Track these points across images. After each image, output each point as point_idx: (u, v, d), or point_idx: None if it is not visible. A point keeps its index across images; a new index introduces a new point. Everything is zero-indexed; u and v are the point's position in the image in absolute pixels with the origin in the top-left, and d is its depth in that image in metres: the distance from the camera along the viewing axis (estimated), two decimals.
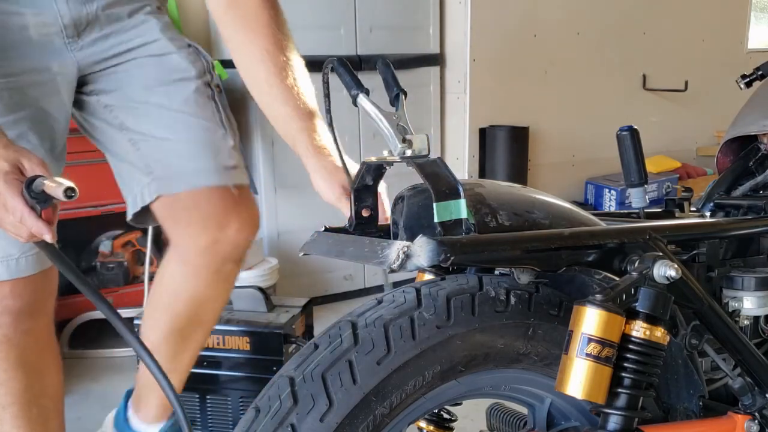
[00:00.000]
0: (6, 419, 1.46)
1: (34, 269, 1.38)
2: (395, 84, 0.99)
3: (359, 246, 0.93)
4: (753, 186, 1.40)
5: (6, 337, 1.41)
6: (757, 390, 1.09)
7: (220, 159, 1.44)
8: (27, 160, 1.10)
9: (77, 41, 1.35)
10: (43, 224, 1.09)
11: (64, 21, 1.32)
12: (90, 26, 1.35)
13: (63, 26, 1.32)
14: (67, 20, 1.32)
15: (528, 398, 1.09)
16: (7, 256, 1.34)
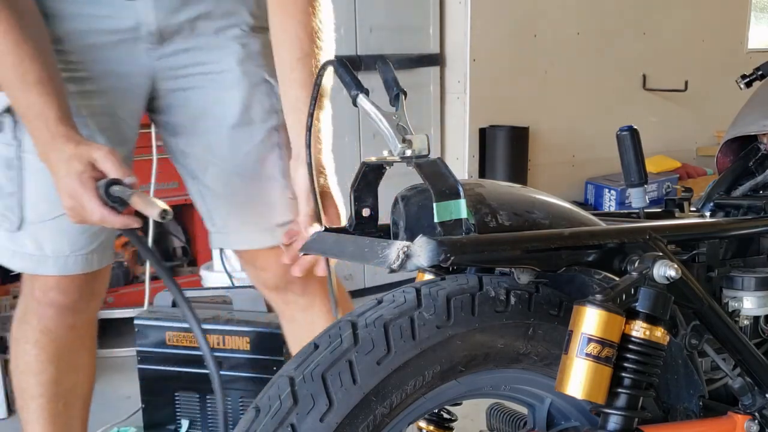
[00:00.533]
0: (32, 409, 1.51)
1: (82, 269, 1.39)
2: (395, 84, 0.99)
3: (359, 246, 0.93)
4: (753, 186, 1.40)
5: (47, 328, 1.45)
6: (757, 390, 1.09)
7: (274, 218, 1.40)
8: (99, 156, 1.12)
9: (159, 49, 1.33)
10: (125, 219, 1.14)
11: (150, 28, 1.30)
12: (175, 36, 1.33)
13: (149, 33, 1.30)
14: (153, 28, 1.30)
15: (528, 398, 1.09)
16: (58, 253, 1.36)
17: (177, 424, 2.31)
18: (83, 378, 1.56)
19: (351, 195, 1.03)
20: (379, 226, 1.05)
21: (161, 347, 2.23)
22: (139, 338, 2.30)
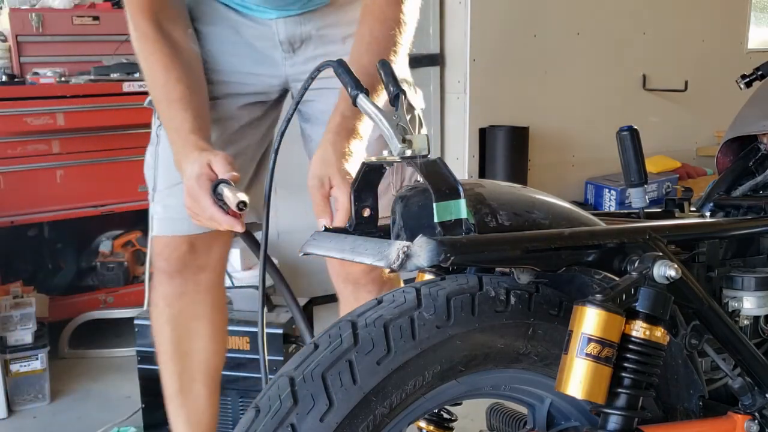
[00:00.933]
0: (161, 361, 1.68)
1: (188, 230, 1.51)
2: (395, 84, 0.99)
3: (359, 246, 0.93)
4: (753, 186, 1.40)
5: (163, 294, 1.62)
6: (757, 390, 1.09)
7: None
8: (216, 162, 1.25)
9: (293, 56, 1.50)
10: (230, 219, 1.25)
11: (280, 37, 1.47)
12: (305, 44, 1.49)
13: (279, 42, 1.48)
14: (282, 37, 1.47)
15: (528, 398, 1.09)
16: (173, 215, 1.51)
17: None
18: (202, 345, 1.65)
19: (351, 195, 1.03)
20: (379, 226, 1.05)
21: None
22: (139, 338, 2.30)
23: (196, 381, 1.67)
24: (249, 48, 1.50)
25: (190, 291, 1.62)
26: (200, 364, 1.66)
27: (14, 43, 3.04)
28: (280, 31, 1.47)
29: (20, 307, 2.57)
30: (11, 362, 2.54)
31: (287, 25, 1.47)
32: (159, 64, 1.39)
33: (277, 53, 1.50)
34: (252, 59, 1.51)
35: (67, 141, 2.91)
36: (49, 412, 2.56)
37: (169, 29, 1.41)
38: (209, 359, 1.67)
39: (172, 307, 1.63)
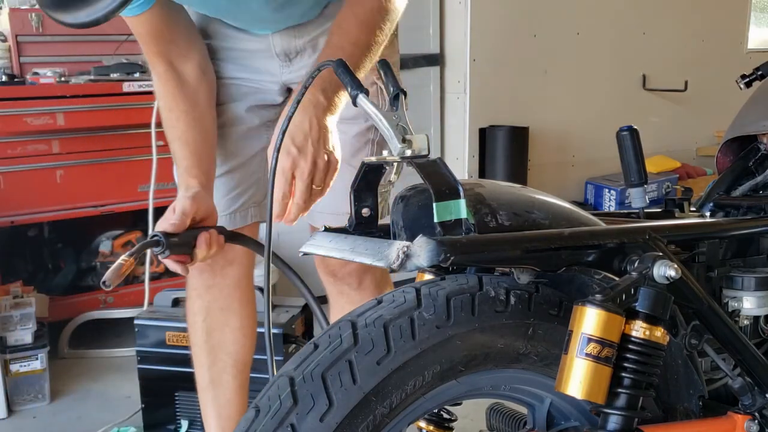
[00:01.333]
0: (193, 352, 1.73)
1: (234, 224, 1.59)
2: (395, 84, 0.99)
3: (359, 246, 0.93)
4: (753, 186, 1.40)
5: (193, 286, 1.68)
6: (757, 390, 1.09)
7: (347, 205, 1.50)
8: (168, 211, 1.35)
9: (289, 65, 1.57)
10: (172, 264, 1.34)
11: (276, 50, 1.55)
12: (300, 55, 1.56)
13: (276, 54, 1.56)
14: (279, 49, 1.55)
15: (528, 398, 1.09)
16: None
17: (177, 424, 2.32)
18: (232, 337, 1.69)
19: (351, 195, 1.03)
20: (379, 226, 1.05)
21: (161, 347, 2.23)
22: (139, 338, 2.30)
23: (227, 373, 1.71)
24: (248, 59, 1.58)
25: (218, 284, 1.67)
26: (230, 356, 1.70)
27: (14, 43, 3.04)
28: (276, 44, 1.54)
29: (20, 307, 2.57)
30: (11, 362, 2.54)
31: (282, 39, 1.54)
32: (164, 102, 1.51)
33: (275, 63, 1.57)
34: (252, 69, 1.58)
35: (67, 141, 2.91)
36: (49, 412, 2.56)
37: (179, 65, 1.49)
38: (238, 352, 1.71)
39: (203, 299, 1.69)
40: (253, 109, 1.61)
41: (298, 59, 1.57)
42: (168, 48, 1.49)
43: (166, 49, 1.49)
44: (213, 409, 1.74)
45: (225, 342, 1.70)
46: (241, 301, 1.71)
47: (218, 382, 1.72)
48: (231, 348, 1.70)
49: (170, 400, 2.30)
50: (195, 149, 1.48)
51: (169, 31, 1.48)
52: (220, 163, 1.58)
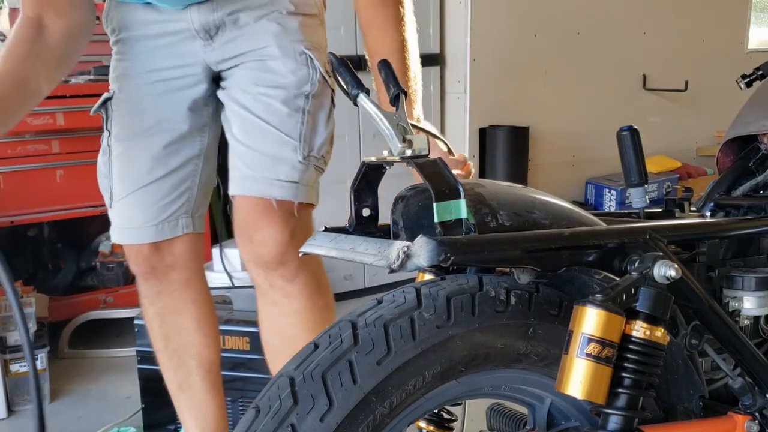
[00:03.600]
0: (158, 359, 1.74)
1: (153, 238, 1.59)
2: (395, 84, 0.99)
3: (359, 246, 0.93)
4: (753, 186, 1.40)
5: (144, 293, 1.69)
6: (757, 390, 1.09)
7: (276, 172, 1.49)
8: None
9: (211, 43, 1.53)
10: None
11: (195, 26, 1.51)
12: (220, 30, 1.51)
13: (195, 31, 1.51)
14: (197, 26, 1.51)
15: (528, 398, 1.09)
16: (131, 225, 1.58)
17: (177, 424, 2.31)
18: (190, 339, 1.68)
19: (351, 195, 1.03)
20: (379, 226, 1.05)
21: None
22: (139, 338, 2.30)
23: (193, 375, 1.70)
24: (171, 46, 1.54)
25: (165, 289, 1.66)
26: (193, 358, 1.69)
27: None
28: (194, 20, 1.50)
29: None
30: (11, 362, 2.54)
31: (200, 14, 1.49)
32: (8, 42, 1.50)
33: (197, 43, 1.53)
34: (174, 55, 1.55)
35: (67, 141, 2.91)
36: (49, 412, 2.56)
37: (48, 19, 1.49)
38: (201, 353, 1.70)
39: (155, 305, 1.69)
40: (182, 113, 1.56)
41: (219, 36, 1.52)
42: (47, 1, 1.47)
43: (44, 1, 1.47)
44: (188, 412, 1.74)
45: (185, 345, 1.69)
46: (195, 302, 1.69)
47: (187, 385, 1.71)
48: (192, 350, 1.69)
49: (170, 400, 2.30)
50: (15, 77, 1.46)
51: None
52: (147, 172, 1.56)
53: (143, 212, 1.58)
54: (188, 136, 1.57)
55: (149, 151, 1.56)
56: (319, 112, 1.53)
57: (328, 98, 1.55)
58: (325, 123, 1.54)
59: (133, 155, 1.58)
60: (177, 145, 1.57)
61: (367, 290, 3.56)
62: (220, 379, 1.74)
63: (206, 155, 1.61)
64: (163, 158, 1.56)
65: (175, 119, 1.56)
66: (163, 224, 1.59)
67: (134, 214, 1.59)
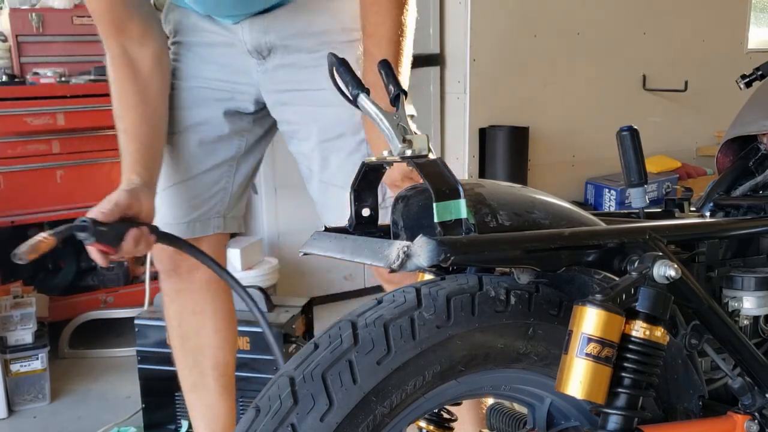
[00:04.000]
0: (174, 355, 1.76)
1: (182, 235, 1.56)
2: (395, 84, 0.99)
3: (359, 246, 0.93)
4: (753, 186, 1.40)
5: (165, 291, 1.71)
6: (757, 390, 1.09)
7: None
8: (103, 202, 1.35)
9: (264, 63, 1.52)
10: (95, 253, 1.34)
11: (248, 46, 1.51)
12: (272, 53, 1.51)
13: (248, 51, 1.51)
14: (250, 46, 1.51)
15: (528, 398, 1.09)
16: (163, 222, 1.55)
17: (177, 424, 2.32)
18: (207, 340, 1.69)
19: (351, 195, 1.03)
20: (379, 226, 1.05)
21: (161, 347, 2.23)
22: (139, 338, 2.30)
23: (207, 376, 1.71)
24: (224, 56, 1.54)
25: (186, 288, 1.67)
26: (208, 359, 1.70)
27: (14, 43, 3.04)
28: (246, 40, 1.50)
29: (20, 307, 2.57)
30: (11, 362, 2.54)
31: (252, 33, 1.49)
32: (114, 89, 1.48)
33: (250, 61, 1.52)
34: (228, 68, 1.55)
35: (67, 141, 2.91)
36: (49, 412, 2.57)
37: (133, 51, 1.47)
38: (217, 355, 1.71)
39: (175, 303, 1.69)
40: (226, 116, 1.57)
41: (271, 58, 1.52)
42: (123, 31, 1.46)
43: (120, 32, 1.46)
44: (199, 411, 1.75)
45: (202, 346, 1.70)
46: (214, 303, 1.70)
47: (201, 385, 1.72)
48: (209, 351, 1.70)
49: (170, 400, 2.30)
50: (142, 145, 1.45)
51: (125, 12, 1.45)
52: (183, 170, 1.56)
53: (175, 209, 1.58)
54: (225, 137, 1.57)
55: (185, 149, 1.56)
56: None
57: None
58: None
59: (169, 151, 1.58)
60: (213, 145, 1.57)
61: (367, 290, 3.56)
62: (233, 381, 1.76)
63: (243, 158, 1.61)
64: (199, 157, 1.56)
65: (214, 122, 1.56)
66: (195, 223, 1.60)
67: (166, 210, 1.59)
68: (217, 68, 1.55)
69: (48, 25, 3.06)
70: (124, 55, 1.46)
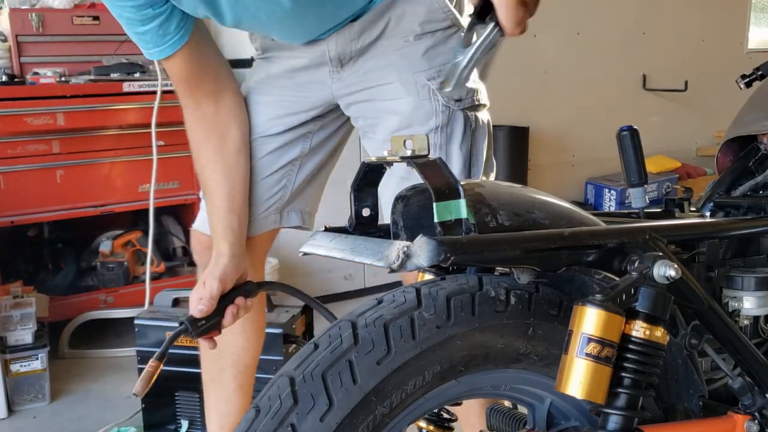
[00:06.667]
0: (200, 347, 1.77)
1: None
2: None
3: (359, 246, 0.93)
4: (753, 186, 1.40)
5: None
6: (757, 390, 1.09)
7: None
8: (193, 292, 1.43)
9: (340, 72, 1.50)
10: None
11: (331, 54, 1.47)
12: (352, 60, 1.48)
13: (329, 59, 1.48)
14: (333, 53, 1.47)
15: (528, 398, 1.09)
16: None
17: (177, 424, 2.32)
18: (233, 339, 1.67)
19: (351, 195, 1.03)
20: (379, 226, 1.05)
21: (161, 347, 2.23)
22: (139, 338, 2.30)
23: (226, 372, 1.72)
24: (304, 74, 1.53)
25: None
26: (230, 357, 1.71)
27: (14, 43, 3.04)
28: (330, 48, 1.47)
29: (20, 307, 2.57)
30: (11, 362, 2.54)
31: (338, 42, 1.46)
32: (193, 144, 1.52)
33: (324, 70, 1.50)
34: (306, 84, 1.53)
35: (67, 141, 2.91)
36: (49, 412, 2.57)
37: (208, 106, 1.48)
38: (239, 354, 1.72)
39: None
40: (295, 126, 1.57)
41: (350, 65, 1.49)
42: (197, 87, 1.47)
43: (195, 88, 1.47)
44: (213, 404, 1.76)
45: (225, 343, 1.68)
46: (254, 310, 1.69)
47: (218, 379, 1.73)
48: (231, 350, 1.70)
49: (170, 400, 2.30)
50: (227, 208, 1.49)
51: (200, 68, 1.46)
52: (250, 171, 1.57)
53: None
54: (290, 143, 1.57)
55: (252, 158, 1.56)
56: (451, 144, 1.51)
57: (459, 125, 1.53)
58: (458, 153, 1.52)
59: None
60: (279, 152, 1.57)
61: (367, 290, 3.56)
62: (251, 382, 1.76)
63: (307, 157, 1.61)
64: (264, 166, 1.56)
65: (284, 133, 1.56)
66: (254, 222, 1.59)
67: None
68: (295, 85, 1.55)
69: (48, 25, 3.05)
70: (199, 111, 1.48)
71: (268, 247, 1.71)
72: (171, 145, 3.00)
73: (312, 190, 1.66)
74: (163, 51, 1.40)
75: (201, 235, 1.62)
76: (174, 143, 2.98)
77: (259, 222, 1.60)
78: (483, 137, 1.52)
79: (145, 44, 1.41)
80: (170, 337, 1.35)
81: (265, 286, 1.52)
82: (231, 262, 1.45)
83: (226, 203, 1.50)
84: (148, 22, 1.36)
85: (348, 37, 1.46)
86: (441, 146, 1.49)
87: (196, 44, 1.42)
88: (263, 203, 1.59)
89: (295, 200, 1.62)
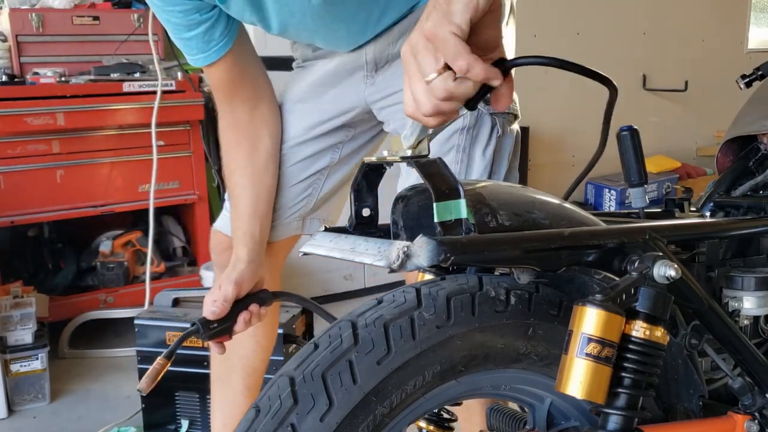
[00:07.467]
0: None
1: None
2: None
3: (359, 246, 0.93)
4: (753, 186, 1.40)
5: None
6: (757, 390, 1.09)
7: None
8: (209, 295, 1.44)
9: (374, 77, 1.48)
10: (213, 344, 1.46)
11: (367, 57, 1.47)
12: (388, 64, 1.47)
13: (365, 62, 1.47)
14: (370, 57, 1.46)
15: (528, 398, 1.09)
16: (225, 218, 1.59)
17: (177, 424, 2.32)
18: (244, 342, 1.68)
19: (351, 195, 1.03)
20: (379, 226, 1.05)
21: (161, 347, 2.23)
22: (139, 338, 2.30)
23: (235, 373, 1.73)
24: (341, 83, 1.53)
25: None
26: (240, 359, 1.72)
27: (14, 43, 3.04)
28: (368, 51, 1.47)
29: (20, 307, 2.57)
30: (11, 362, 2.54)
31: (377, 47, 1.45)
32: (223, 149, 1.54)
33: (358, 76, 1.49)
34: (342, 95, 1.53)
35: (67, 141, 2.91)
36: (49, 412, 2.57)
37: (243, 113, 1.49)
38: (249, 357, 1.72)
39: None
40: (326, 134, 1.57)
41: (383, 70, 1.48)
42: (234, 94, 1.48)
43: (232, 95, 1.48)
44: (218, 403, 1.77)
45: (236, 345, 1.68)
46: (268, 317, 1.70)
47: (226, 379, 1.74)
48: (241, 352, 1.71)
49: (170, 400, 2.31)
50: (250, 213, 1.50)
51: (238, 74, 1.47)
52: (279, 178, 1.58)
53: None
54: (320, 152, 1.58)
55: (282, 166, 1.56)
56: (475, 147, 1.46)
57: (485, 129, 1.46)
58: (481, 156, 1.47)
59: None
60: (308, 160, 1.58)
61: (367, 290, 3.56)
62: (259, 384, 1.77)
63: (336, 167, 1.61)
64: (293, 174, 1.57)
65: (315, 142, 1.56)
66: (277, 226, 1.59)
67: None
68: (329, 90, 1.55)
69: (48, 25, 3.06)
70: (233, 117, 1.49)
71: (287, 253, 1.72)
72: (171, 145, 3.01)
73: (336, 200, 1.67)
74: (207, 57, 1.41)
75: (222, 235, 1.63)
76: (174, 143, 2.98)
77: (282, 227, 1.60)
78: (508, 146, 1.50)
79: (189, 50, 1.41)
80: (180, 336, 1.35)
81: (280, 297, 1.53)
82: (248, 267, 1.45)
83: (249, 209, 1.50)
84: (194, 28, 1.37)
85: (386, 41, 1.45)
86: (465, 148, 1.46)
87: (238, 52, 1.43)
88: (288, 210, 1.60)
89: (319, 209, 1.63)
